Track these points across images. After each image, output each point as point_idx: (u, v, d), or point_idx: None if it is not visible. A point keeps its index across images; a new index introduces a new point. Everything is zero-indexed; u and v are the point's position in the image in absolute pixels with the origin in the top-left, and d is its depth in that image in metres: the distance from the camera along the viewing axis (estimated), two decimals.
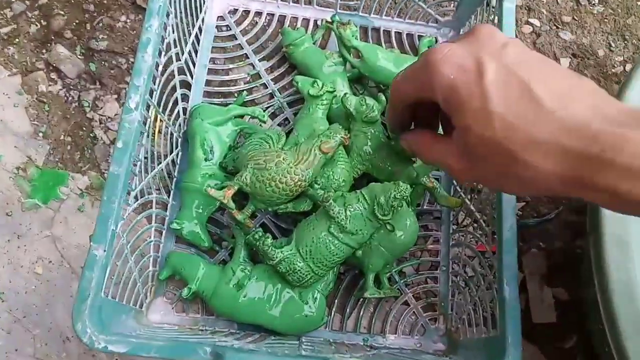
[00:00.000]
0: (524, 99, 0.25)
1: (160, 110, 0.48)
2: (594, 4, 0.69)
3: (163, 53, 0.47)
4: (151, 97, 0.45)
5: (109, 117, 0.57)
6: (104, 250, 0.39)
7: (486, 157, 0.26)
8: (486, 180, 0.28)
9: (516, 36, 0.64)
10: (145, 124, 0.44)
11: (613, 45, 0.67)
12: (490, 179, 0.27)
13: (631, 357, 0.36)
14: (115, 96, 0.58)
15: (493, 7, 0.52)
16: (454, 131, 0.27)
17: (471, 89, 0.25)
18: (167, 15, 0.47)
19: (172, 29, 0.49)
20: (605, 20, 0.68)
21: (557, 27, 0.67)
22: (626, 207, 0.23)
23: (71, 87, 0.58)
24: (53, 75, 0.59)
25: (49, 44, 0.60)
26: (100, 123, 0.57)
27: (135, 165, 0.43)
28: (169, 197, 0.52)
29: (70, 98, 0.58)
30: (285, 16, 0.62)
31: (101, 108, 0.57)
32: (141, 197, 0.45)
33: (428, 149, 0.30)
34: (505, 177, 0.26)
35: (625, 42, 0.67)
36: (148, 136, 0.45)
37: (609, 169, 0.23)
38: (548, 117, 0.24)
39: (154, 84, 0.45)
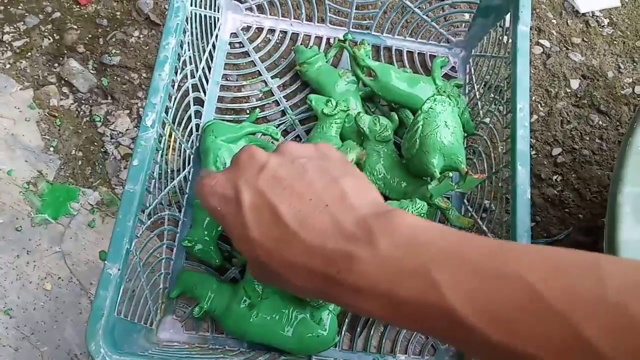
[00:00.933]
0: (273, 222, 0.27)
1: (175, 127, 0.48)
2: (603, 26, 0.70)
3: (179, 70, 0.47)
4: (167, 114, 0.45)
5: (120, 132, 0.57)
6: (119, 269, 0.38)
7: (261, 275, 0.29)
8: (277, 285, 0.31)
9: None
10: (160, 141, 0.44)
11: (622, 67, 0.68)
12: (278, 285, 0.30)
13: None
14: (127, 111, 0.58)
15: (506, 29, 0.52)
16: None
17: (234, 218, 0.27)
18: (184, 33, 0.47)
19: (188, 46, 0.49)
20: (615, 42, 0.69)
21: (567, 49, 0.68)
22: (363, 314, 0.27)
23: (83, 101, 0.58)
24: (65, 90, 0.59)
25: (61, 58, 0.60)
26: (112, 138, 0.57)
27: (149, 182, 0.43)
28: (180, 213, 0.52)
29: (81, 112, 0.58)
30: (298, 34, 0.62)
31: (112, 123, 0.57)
32: (154, 215, 0.45)
33: None
34: (285, 287, 0.28)
35: (635, 64, 0.68)
36: (162, 154, 0.45)
37: (342, 288, 0.24)
38: (295, 239, 0.26)
39: (170, 102, 0.45)
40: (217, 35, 0.59)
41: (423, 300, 0.22)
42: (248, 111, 0.58)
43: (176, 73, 0.46)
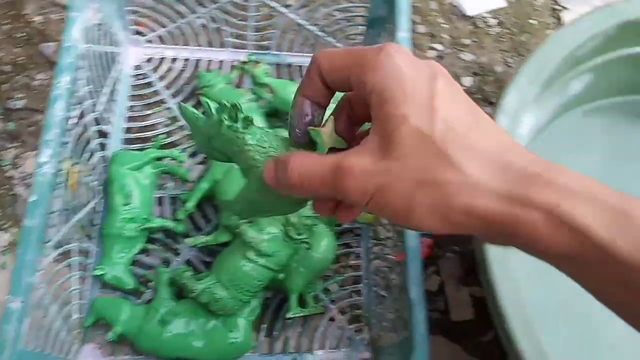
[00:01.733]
0: (469, 111, 0.25)
1: (78, 161, 0.49)
2: (490, 26, 0.75)
3: (77, 107, 0.49)
4: (65, 149, 0.46)
5: (29, 174, 0.58)
6: (22, 302, 0.40)
7: (411, 154, 0.23)
8: (395, 190, 0.24)
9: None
10: (59, 176, 0.45)
11: (510, 61, 0.73)
12: (402, 186, 0.24)
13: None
14: (35, 152, 0.59)
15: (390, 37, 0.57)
16: (374, 125, 0.25)
17: (419, 84, 0.24)
18: (77, 70, 0.49)
19: (86, 81, 0.51)
20: (502, 39, 0.75)
21: (458, 50, 0.73)
22: (558, 232, 0.22)
23: None
24: None
25: None
26: (22, 180, 0.58)
27: (51, 216, 0.44)
28: (91, 244, 0.53)
29: None
30: (200, 60, 0.65)
31: (21, 165, 0.58)
32: (60, 247, 0.46)
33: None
34: (423, 185, 0.23)
35: (521, 57, 0.74)
36: (65, 188, 0.47)
37: (549, 187, 0.22)
38: (490, 131, 0.24)
39: (67, 137, 0.47)
40: (120, 69, 0.61)
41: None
42: (153, 139, 0.60)
43: (71, 109, 0.48)
